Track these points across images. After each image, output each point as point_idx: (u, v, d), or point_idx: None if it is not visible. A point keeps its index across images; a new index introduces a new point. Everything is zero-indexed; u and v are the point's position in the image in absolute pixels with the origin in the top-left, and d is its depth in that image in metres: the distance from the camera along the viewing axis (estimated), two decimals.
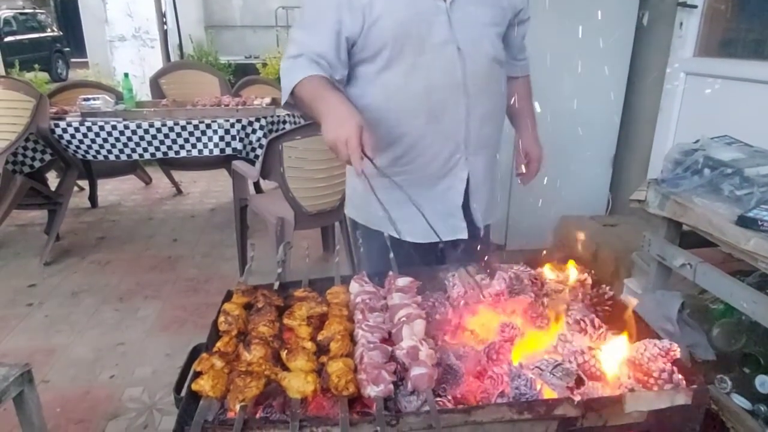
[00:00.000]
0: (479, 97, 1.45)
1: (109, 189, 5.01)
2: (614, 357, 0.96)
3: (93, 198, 4.58)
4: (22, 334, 2.73)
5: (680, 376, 0.92)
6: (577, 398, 0.87)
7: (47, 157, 3.59)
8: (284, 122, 3.72)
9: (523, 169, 1.71)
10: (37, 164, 3.58)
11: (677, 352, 0.95)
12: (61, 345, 2.62)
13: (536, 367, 0.94)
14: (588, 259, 2.92)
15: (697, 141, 1.86)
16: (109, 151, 3.51)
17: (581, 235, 3.06)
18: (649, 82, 3.11)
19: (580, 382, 0.91)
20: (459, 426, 0.87)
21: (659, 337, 1.02)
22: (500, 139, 1.64)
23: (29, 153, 3.52)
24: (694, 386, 0.92)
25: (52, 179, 4.03)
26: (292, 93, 1.34)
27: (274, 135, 2.70)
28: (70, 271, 3.43)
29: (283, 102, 1.39)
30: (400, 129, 1.44)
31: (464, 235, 1.55)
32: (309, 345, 1.02)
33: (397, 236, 1.30)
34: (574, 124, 3.17)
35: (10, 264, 3.53)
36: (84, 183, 4.57)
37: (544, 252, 1.49)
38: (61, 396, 2.25)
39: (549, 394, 0.91)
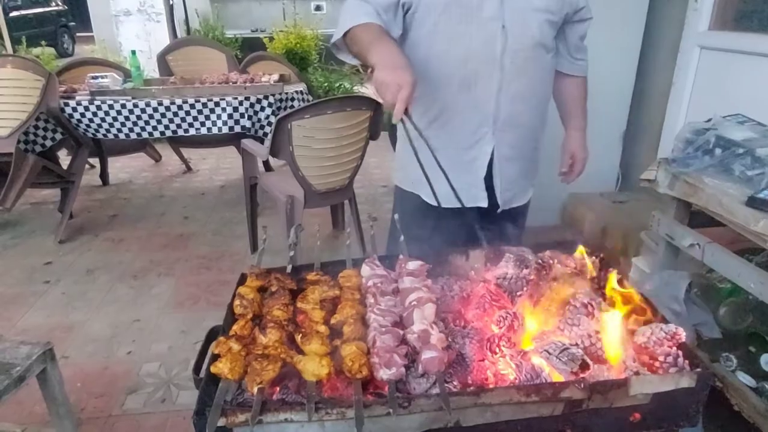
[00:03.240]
0: (515, 75, 1.49)
1: (120, 166, 5.05)
2: (620, 340, 0.98)
3: (104, 176, 4.62)
4: (40, 310, 2.80)
5: (685, 361, 0.95)
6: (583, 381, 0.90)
7: (58, 136, 3.62)
8: (292, 99, 3.71)
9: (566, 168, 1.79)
10: (48, 143, 3.60)
11: (683, 336, 0.97)
12: (79, 322, 2.69)
13: (544, 350, 0.96)
14: (596, 236, 2.93)
15: (709, 120, 1.84)
16: (119, 130, 3.53)
17: (589, 213, 3.07)
18: (662, 56, 3.06)
19: (585, 366, 0.93)
20: (468, 408, 0.90)
21: (666, 321, 1.04)
22: (538, 123, 1.66)
23: (40, 132, 3.55)
24: (698, 369, 0.94)
25: (63, 157, 4.06)
26: (347, 33, 1.40)
27: (283, 114, 2.70)
28: (84, 248, 3.49)
29: (335, 38, 1.46)
30: (436, 93, 1.51)
31: (484, 204, 1.62)
32: (322, 329, 1.05)
33: (427, 200, 1.41)
34: None
35: (26, 242, 3.60)
36: (95, 161, 4.61)
37: (553, 229, 1.51)
38: (81, 371, 2.32)
39: (556, 377, 0.94)
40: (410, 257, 1.26)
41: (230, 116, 3.45)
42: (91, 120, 3.49)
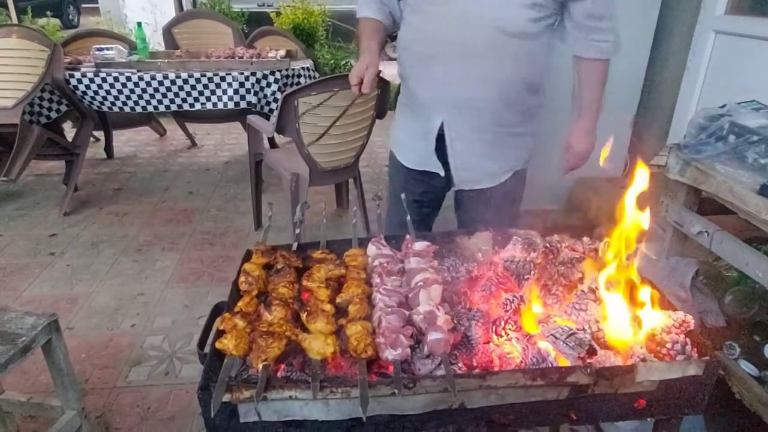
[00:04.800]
0: (472, 59, 1.52)
1: (124, 140, 5.03)
2: (627, 327, 0.97)
3: (109, 149, 4.61)
4: (45, 282, 2.81)
5: (693, 349, 0.94)
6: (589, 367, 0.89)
7: (63, 108, 3.59)
8: (299, 76, 3.67)
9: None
10: (53, 115, 3.58)
11: (692, 324, 0.97)
12: (84, 294, 2.70)
13: (551, 334, 0.96)
14: (602, 221, 2.91)
15: (723, 106, 1.81)
16: (124, 103, 3.51)
17: (596, 198, 3.04)
18: (677, 41, 3.01)
19: (592, 352, 0.93)
20: (473, 390, 0.90)
21: (674, 308, 1.03)
22: (503, 108, 1.61)
23: (45, 103, 3.53)
24: (706, 358, 0.93)
25: (69, 130, 4.04)
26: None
27: (289, 90, 2.67)
28: (89, 221, 3.49)
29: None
30: (411, 66, 1.67)
31: (437, 170, 1.73)
32: (328, 307, 1.05)
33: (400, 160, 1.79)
34: None
35: (31, 213, 3.60)
36: (99, 134, 4.59)
37: (559, 214, 1.50)
38: (86, 342, 2.34)
39: (563, 361, 0.94)
40: (417, 238, 1.25)
41: (236, 92, 3.42)
42: (96, 92, 3.47)
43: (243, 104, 3.45)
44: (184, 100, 3.48)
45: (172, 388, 2.10)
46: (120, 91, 3.47)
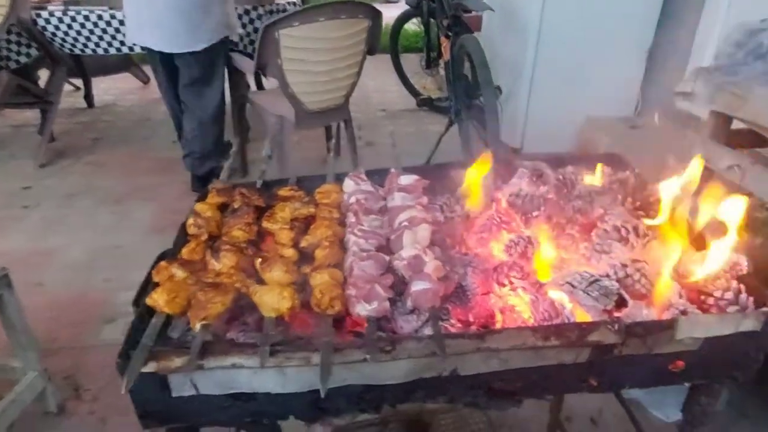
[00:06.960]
0: None
1: (104, 88, 4.74)
2: (664, 271, 0.77)
3: (88, 97, 4.34)
4: (18, 235, 2.65)
5: (749, 298, 0.74)
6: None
7: (33, 52, 3.34)
8: (284, 11, 3.36)
9: None
10: (23, 59, 3.33)
11: (744, 267, 0.77)
12: (58, 247, 2.54)
13: (567, 283, 0.76)
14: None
15: (764, 20, 1.56)
16: (97, 44, 3.24)
17: (606, 138, 2.82)
18: None
19: (621, 303, 0.73)
20: (469, 353, 0.71)
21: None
22: None
23: (13, 47, 3.26)
24: (766, 308, 0.73)
25: (45, 79, 3.78)
26: None
27: (269, 21, 2.40)
28: (65, 173, 3.30)
29: None
30: None
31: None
32: (290, 252, 0.85)
33: None
34: (606, 10, 2.80)
35: (5, 165, 3.41)
36: (79, 82, 4.32)
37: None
38: (56, 299, 2.18)
39: (582, 316, 0.74)
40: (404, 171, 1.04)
41: None
42: (66, 33, 3.19)
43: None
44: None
45: None
46: (92, 32, 3.19)
